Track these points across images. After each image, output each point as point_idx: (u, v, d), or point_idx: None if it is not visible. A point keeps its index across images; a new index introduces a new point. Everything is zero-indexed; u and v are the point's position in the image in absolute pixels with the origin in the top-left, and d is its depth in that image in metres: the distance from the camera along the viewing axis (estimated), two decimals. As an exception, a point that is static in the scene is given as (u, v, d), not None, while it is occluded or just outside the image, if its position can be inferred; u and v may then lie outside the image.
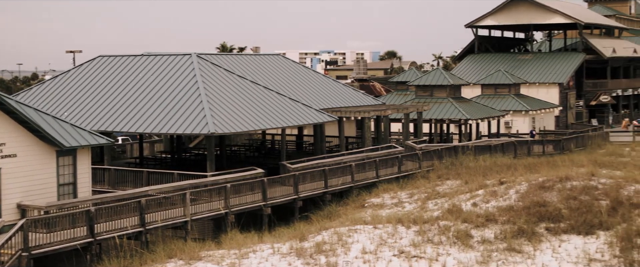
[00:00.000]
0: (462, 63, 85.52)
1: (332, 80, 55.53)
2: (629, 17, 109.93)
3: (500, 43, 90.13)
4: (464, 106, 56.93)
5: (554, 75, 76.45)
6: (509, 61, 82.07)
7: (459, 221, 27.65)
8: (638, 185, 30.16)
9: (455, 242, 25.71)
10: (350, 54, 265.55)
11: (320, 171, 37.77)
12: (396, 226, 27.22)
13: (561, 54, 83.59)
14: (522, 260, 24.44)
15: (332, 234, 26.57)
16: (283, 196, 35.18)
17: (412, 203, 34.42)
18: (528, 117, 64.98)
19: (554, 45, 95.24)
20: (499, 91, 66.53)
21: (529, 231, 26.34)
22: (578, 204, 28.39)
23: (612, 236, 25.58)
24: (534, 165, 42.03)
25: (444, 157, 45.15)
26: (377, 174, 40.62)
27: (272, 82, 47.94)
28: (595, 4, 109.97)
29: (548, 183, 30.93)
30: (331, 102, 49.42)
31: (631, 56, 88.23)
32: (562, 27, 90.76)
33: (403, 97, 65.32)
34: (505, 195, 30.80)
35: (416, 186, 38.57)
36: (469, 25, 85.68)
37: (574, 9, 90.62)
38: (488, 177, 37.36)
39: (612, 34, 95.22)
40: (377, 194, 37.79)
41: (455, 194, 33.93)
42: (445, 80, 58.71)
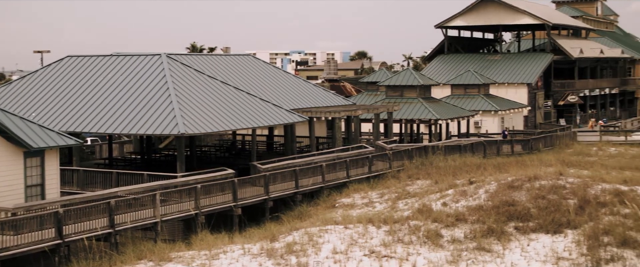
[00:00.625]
0: (432, 63, 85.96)
1: (302, 81, 55.53)
2: (595, 18, 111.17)
3: (470, 43, 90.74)
4: (434, 106, 57.24)
5: (523, 76, 77.12)
6: (479, 62, 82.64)
7: (429, 220, 27.79)
8: (605, 184, 30.54)
9: (426, 242, 25.83)
10: (320, 54, 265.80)
11: (291, 171, 37.75)
12: (367, 226, 27.29)
13: (530, 55, 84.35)
14: (492, 259, 24.63)
15: (302, 234, 26.57)
16: (254, 197, 35.11)
17: (383, 203, 34.53)
18: (497, 117, 65.48)
19: (522, 45, 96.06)
20: (468, 91, 66.97)
21: (498, 230, 26.55)
22: (546, 203, 28.67)
23: (579, 235, 25.87)
24: (503, 165, 42.40)
25: (414, 157, 45.36)
26: (348, 174, 40.70)
27: (243, 83, 47.83)
28: (562, 5, 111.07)
29: (517, 183, 31.19)
30: (302, 102, 49.41)
31: (598, 57, 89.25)
32: (530, 27, 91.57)
33: (373, 98, 65.53)
34: (474, 194, 31.01)
35: (387, 186, 38.71)
36: (439, 25, 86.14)
37: (542, 10, 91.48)
38: (458, 177, 37.61)
39: (579, 34, 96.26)
40: (348, 194, 37.87)
41: (426, 193, 34.10)
42: (416, 80, 58.98)
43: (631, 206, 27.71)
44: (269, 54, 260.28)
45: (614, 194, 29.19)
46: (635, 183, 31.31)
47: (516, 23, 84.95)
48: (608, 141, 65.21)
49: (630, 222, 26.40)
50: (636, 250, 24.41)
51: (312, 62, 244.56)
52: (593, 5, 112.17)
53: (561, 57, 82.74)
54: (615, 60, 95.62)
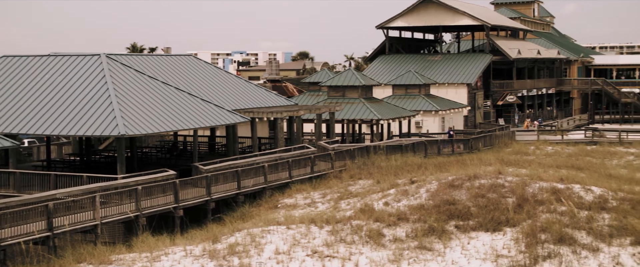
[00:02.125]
0: (373, 64, 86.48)
1: (244, 81, 55.34)
2: (532, 19, 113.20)
3: (411, 44, 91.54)
4: (376, 106, 57.60)
5: (463, 76, 78.11)
6: (419, 62, 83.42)
7: (371, 220, 27.97)
8: (542, 182, 31.13)
9: (368, 241, 26.00)
10: (262, 54, 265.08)
11: (233, 172, 37.61)
12: (309, 226, 27.35)
13: (469, 55, 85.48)
14: (433, 257, 24.91)
15: (245, 235, 26.49)
16: (195, 198, 34.87)
17: (325, 203, 34.63)
18: (438, 117, 66.21)
19: (462, 46, 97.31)
20: (409, 91, 67.53)
21: (439, 229, 26.87)
22: (486, 201, 29.11)
23: (518, 232, 26.34)
24: (443, 164, 42.91)
25: (356, 157, 45.59)
26: (290, 174, 40.71)
27: (184, 83, 47.46)
28: (501, 6, 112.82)
29: (457, 182, 31.59)
30: (244, 103, 49.24)
31: (535, 57, 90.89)
32: (470, 28, 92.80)
33: (315, 98, 65.64)
34: (416, 194, 31.31)
35: (329, 186, 38.83)
36: (380, 26, 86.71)
37: (481, 11, 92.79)
38: (399, 177, 37.93)
39: (517, 35, 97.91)
40: (290, 194, 37.89)
41: (368, 193, 34.31)
42: (357, 81, 59.27)
43: (567, 204, 28.32)
44: (210, 54, 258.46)
45: (551, 192, 29.79)
46: (571, 181, 32.02)
47: (456, 24, 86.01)
48: (545, 140, 66.53)
49: (567, 220, 26.99)
50: (572, 246, 24.98)
51: (254, 62, 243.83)
52: (530, 7, 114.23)
53: (500, 57, 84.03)
54: (552, 60, 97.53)
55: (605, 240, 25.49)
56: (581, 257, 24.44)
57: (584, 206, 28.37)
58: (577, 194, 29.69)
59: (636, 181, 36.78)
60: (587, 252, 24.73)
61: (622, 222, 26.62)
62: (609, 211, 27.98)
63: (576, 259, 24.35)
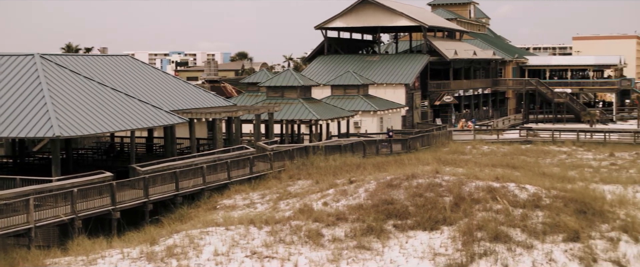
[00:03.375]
0: (312, 64, 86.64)
1: (182, 82, 54.91)
2: (468, 20, 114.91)
3: (349, 45, 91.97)
4: (314, 107, 57.73)
5: (401, 76, 78.80)
6: (358, 62, 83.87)
7: (310, 220, 28.02)
8: (478, 181, 31.58)
9: (307, 242, 26.05)
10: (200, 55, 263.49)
11: (171, 173, 37.28)
12: (248, 227, 27.27)
13: (407, 56, 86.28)
14: (371, 257, 25.08)
15: (183, 236, 26.29)
16: (133, 200, 34.46)
17: (264, 204, 34.58)
18: (376, 117, 66.68)
19: (400, 47, 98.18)
20: (348, 92, 67.88)
21: (377, 228, 27.05)
22: (424, 200, 29.41)
23: (455, 231, 26.69)
24: (382, 164, 43.22)
25: (295, 158, 45.63)
26: (229, 175, 40.53)
27: (121, 84, 46.86)
28: (438, 7, 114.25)
29: (395, 181, 31.84)
30: (182, 103, 48.85)
31: (471, 58, 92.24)
32: (407, 29, 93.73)
33: (254, 98, 65.49)
34: (354, 194, 31.47)
35: (268, 187, 38.78)
36: (319, 26, 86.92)
37: (419, 12, 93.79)
38: (338, 177, 38.07)
39: (453, 36, 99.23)
40: (229, 195, 37.72)
41: (306, 193, 34.36)
42: (296, 81, 59.33)
43: (502, 202, 28.81)
44: (148, 54, 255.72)
45: (487, 191, 30.24)
46: (506, 180, 32.56)
47: (394, 25, 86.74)
48: (481, 139, 67.64)
49: (502, 218, 27.45)
50: (507, 244, 25.42)
51: (192, 62, 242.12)
52: (466, 8, 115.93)
53: (437, 58, 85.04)
54: (488, 61, 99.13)
55: (538, 237, 26.01)
56: (516, 255, 24.90)
57: (519, 204, 28.89)
58: (512, 192, 30.21)
59: (568, 179, 37.66)
60: (522, 250, 25.20)
61: (555, 220, 27.20)
62: (542, 208, 28.55)
63: (511, 256, 24.80)
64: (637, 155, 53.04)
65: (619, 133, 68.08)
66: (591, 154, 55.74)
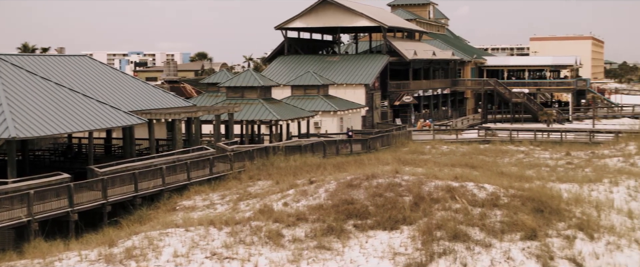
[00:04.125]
0: (272, 64, 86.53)
1: (141, 82, 54.47)
2: (428, 21, 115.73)
3: (309, 45, 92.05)
4: (275, 107, 57.67)
5: (361, 77, 79.06)
6: (318, 63, 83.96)
7: (271, 220, 27.99)
8: (438, 181, 31.82)
9: (267, 242, 26.01)
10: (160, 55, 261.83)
11: (130, 174, 36.96)
12: (208, 228, 27.15)
13: (367, 56, 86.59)
14: (332, 257, 25.14)
15: (142, 238, 26.08)
16: (91, 201, 34.09)
17: (224, 204, 34.45)
18: (336, 117, 66.81)
19: (360, 47, 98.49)
20: (308, 92, 67.93)
21: (338, 229, 27.12)
22: (383, 200, 29.55)
23: (414, 230, 26.86)
24: (342, 164, 43.32)
25: (256, 158, 45.54)
26: (189, 176, 40.31)
27: (79, 84, 46.35)
28: (397, 8, 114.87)
29: (355, 181, 31.93)
30: (141, 104, 48.47)
31: (431, 58, 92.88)
32: (367, 30, 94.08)
33: (214, 99, 65.20)
34: (315, 194, 31.50)
35: (228, 187, 38.65)
36: (279, 27, 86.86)
37: (378, 12, 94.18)
38: (298, 177, 38.07)
39: (413, 37, 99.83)
40: (189, 196, 37.51)
41: (267, 194, 34.31)
42: (256, 81, 59.20)
43: (461, 202, 29.06)
44: (106, 54, 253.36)
45: (446, 190, 30.48)
46: (465, 179, 32.85)
47: (354, 25, 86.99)
48: (441, 139, 68.15)
49: (461, 217, 27.69)
50: (466, 243, 25.66)
51: (151, 63, 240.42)
52: (426, 9, 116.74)
53: (397, 58, 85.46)
54: (447, 61, 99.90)
55: (497, 236, 26.29)
56: (475, 253, 25.14)
57: (477, 203, 29.16)
58: (470, 191, 30.48)
59: (526, 179, 38.10)
60: (481, 248, 25.45)
61: (513, 218, 27.51)
62: (500, 207, 28.85)
63: (470, 255, 25.03)
64: (593, 154, 53.84)
65: (575, 133, 69.08)
66: (548, 154, 56.46)
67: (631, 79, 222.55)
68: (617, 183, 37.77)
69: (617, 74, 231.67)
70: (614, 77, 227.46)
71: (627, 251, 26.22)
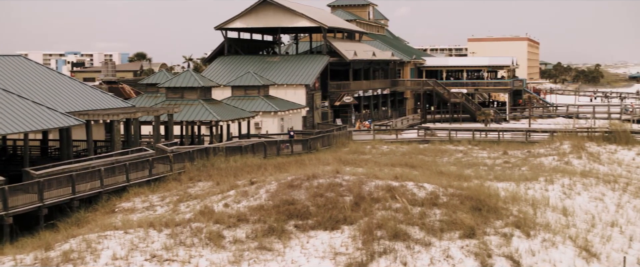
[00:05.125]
0: (212, 65, 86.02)
1: (78, 83, 53.61)
2: (367, 22, 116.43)
3: (250, 45, 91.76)
4: (215, 108, 57.35)
5: (301, 77, 79.15)
6: (258, 63, 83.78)
7: (211, 222, 27.85)
8: (378, 181, 32.06)
9: (208, 244, 25.87)
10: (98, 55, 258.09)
11: (67, 176, 36.34)
12: (148, 230, 26.88)
13: (307, 57, 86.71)
14: (273, 257, 25.12)
15: (80, 241, 25.67)
16: (26, 204, 33.40)
17: (164, 206, 34.14)
18: (277, 118, 66.76)
19: (300, 48, 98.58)
20: (248, 93, 67.72)
21: (279, 229, 27.12)
22: (324, 200, 29.65)
23: (355, 230, 27.02)
24: (283, 164, 43.32)
25: (196, 159, 45.22)
26: (128, 178, 39.81)
27: (13, 85, 45.39)
28: (337, 9, 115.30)
29: (296, 182, 31.98)
30: (78, 105, 47.70)
31: (370, 59, 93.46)
32: (307, 30, 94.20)
33: (153, 100, 64.49)
34: (255, 195, 31.45)
35: (168, 189, 38.31)
36: (219, 27, 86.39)
37: (319, 13, 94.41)
38: (239, 178, 37.95)
39: (353, 37, 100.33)
40: (128, 198, 37.06)
41: (207, 195, 34.12)
42: (196, 82, 58.78)
43: (401, 201, 29.33)
44: (42, 55, 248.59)
45: (386, 190, 30.73)
46: (405, 179, 33.17)
47: (294, 26, 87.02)
48: (381, 139, 68.63)
49: (401, 216, 27.95)
50: (406, 242, 25.90)
51: (89, 63, 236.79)
52: (365, 10, 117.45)
53: (337, 59, 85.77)
54: (386, 62, 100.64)
55: (436, 234, 26.60)
56: (415, 252, 25.39)
57: (417, 203, 29.47)
58: (410, 191, 30.78)
59: (464, 178, 38.63)
60: (420, 247, 25.72)
61: (452, 217, 27.88)
62: (440, 206, 29.21)
63: (410, 254, 25.28)
64: (529, 153, 54.84)
65: (512, 132, 70.32)
66: (486, 153, 57.30)
67: (565, 79, 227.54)
68: (552, 181, 38.57)
69: (552, 75, 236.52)
70: (549, 77, 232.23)
71: (561, 247, 26.81)
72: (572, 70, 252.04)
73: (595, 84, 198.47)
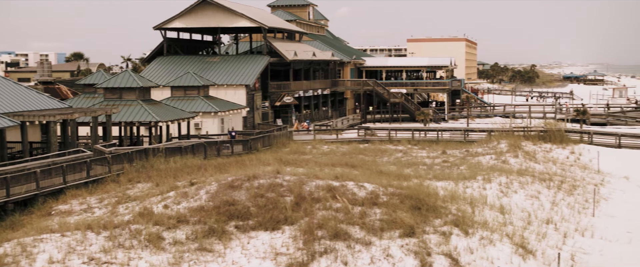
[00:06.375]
0: (151, 65, 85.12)
1: (13, 83, 52.48)
2: (308, 22, 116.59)
3: (189, 45, 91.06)
4: (154, 108, 56.77)
5: (241, 77, 78.84)
6: (198, 63, 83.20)
7: (151, 223, 27.59)
8: (318, 181, 32.17)
9: (147, 246, 25.62)
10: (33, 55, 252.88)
11: (1, 178, 35.54)
12: (85, 233, 26.48)
13: (247, 57, 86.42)
14: (213, 259, 25.00)
15: (15, 245, 25.15)
16: (-41, 208, 32.61)
17: (103, 208, 33.67)
18: (217, 118, 66.39)
19: (240, 48, 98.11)
20: (188, 93, 67.22)
21: (219, 230, 27.01)
22: (265, 201, 29.63)
23: (296, 230, 27.07)
24: (223, 165, 43.14)
25: (135, 160, 44.70)
26: (65, 180, 39.13)
27: (-56, 85, 44.21)
28: (277, 9, 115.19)
29: (237, 182, 31.89)
30: (12, 106, 46.71)
31: (311, 59, 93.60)
32: (248, 30, 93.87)
33: (91, 100, 63.53)
34: (196, 196, 31.25)
35: (106, 191, 37.80)
36: (158, 27, 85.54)
37: (259, 13, 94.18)
38: (179, 179, 37.67)
39: (293, 38, 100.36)
40: (65, 200, 36.43)
41: (147, 196, 33.77)
42: (135, 82, 58.10)
43: (342, 201, 29.48)
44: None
45: (327, 189, 30.87)
46: (345, 179, 33.35)
47: (234, 26, 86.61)
48: (321, 139, 68.83)
49: (342, 216, 28.09)
50: (347, 241, 26.04)
51: (24, 63, 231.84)
52: (305, 10, 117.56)
53: (277, 59, 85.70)
54: (327, 62, 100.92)
55: (376, 234, 26.81)
56: (355, 251, 25.54)
57: (358, 202, 29.66)
58: (351, 191, 30.96)
59: (404, 177, 39.01)
60: (361, 246, 25.89)
61: (392, 216, 28.13)
62: (380, 206, 29.45)
63: (351, 253, 25.42)
64: (467, 152, 55.63)
65: (451, 131, 71.19)
66: (425, 152, 57.94)
67: (502, 79, 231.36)
68: (490, 180, 39.22)
69: (489, 75, 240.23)
70: (487, 77, 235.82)
71: (499, 245, 27.28)
72: (509, 70, 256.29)
73: (531, 84, 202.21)
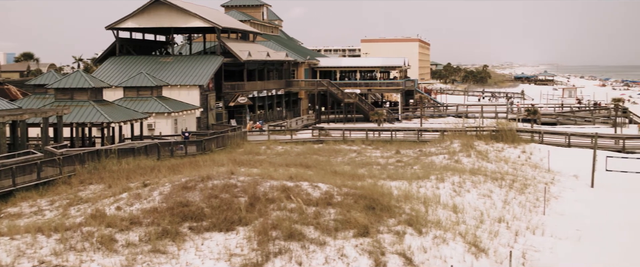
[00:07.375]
0: (103, 65, 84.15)
1: (-40, 83, 51.50)
2: (262, 22, 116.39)
3: (142, 45, 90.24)
4: (106, 109, 56.15)
5: (195, 78, 78.39)
6: (151, 64, 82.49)
7: (103, 225, 27.29)
8: (273, 181, 32.14)
9: (100, 248, 25.34)
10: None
11: (-51, 181, 34.88)
12: (36, 235, 26.09)
13: (201, 57, 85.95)
14: (167, 260, 24.82)
15: (-37, 249, 24.69)
16: None
17: (53, 210, 33.21)
18: (170, 119, 65.91)
19: (194, 48, 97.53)
20: (141, 93, 66.61)
21: (173, 231, 26.83)
22: (219, 202, 29.52)
23: (250, 231, 27.01)
24: (177, 166, 42.86)
25: (87, 162, 44.18)
26: (14, 182, 38.50)
27: None
28: (231, 9, 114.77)
29: (191, 183, 31.72)
30: (-40, 106, 45.81)
31: (265, 59, 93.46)
32: (201, 30, 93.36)
33: (42, 101, 62.61)
34: (149, 197, 31.00)
35: (57, 193, 37.29)
36: (110, 27, 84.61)
37: (212, 13, 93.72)
38: (132, 180, 37.34)
39: (247, 38, 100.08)
40: (15, 203, 35.86)
41: (99, 198, 33.41)
42: (86, 83, 57.40)
43: (296, 201, 29.49)
44: None
45: (281, 190, 30.85)
46: (300, 179, 33.37)
47: (187, 26, 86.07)
48: (275, 139, 68.77)
49: (296, 216, 28.10)
50: (301, 242, 26.06)
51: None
52: (259, 10, 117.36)
53: (231, 59, 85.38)
54: (281, 62, 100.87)
55: (331, 234, 26.87)
56: (310, 252, 25.57)
57: (312, 202, 29.70)
58: (305, 191, 30.99)
59: (358, 177, 39.17)
60: (315, 246, 25.92)
61: (346, 216, 28.22)
62: (334, 206, 29.52)
63: (305, 253, 25.44)
64: (421, 152, 56.06)
65: (404, 131, 71.66)
66: (379, 152, 58.24)
67: (455, 79, 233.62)
68: (443, 179, 39.58)
69: (442, 75, 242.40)
70: (440, 77, 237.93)
71: (452, 244, 27.54)
72: (462, 70, 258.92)
73: (483, 84, 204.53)
